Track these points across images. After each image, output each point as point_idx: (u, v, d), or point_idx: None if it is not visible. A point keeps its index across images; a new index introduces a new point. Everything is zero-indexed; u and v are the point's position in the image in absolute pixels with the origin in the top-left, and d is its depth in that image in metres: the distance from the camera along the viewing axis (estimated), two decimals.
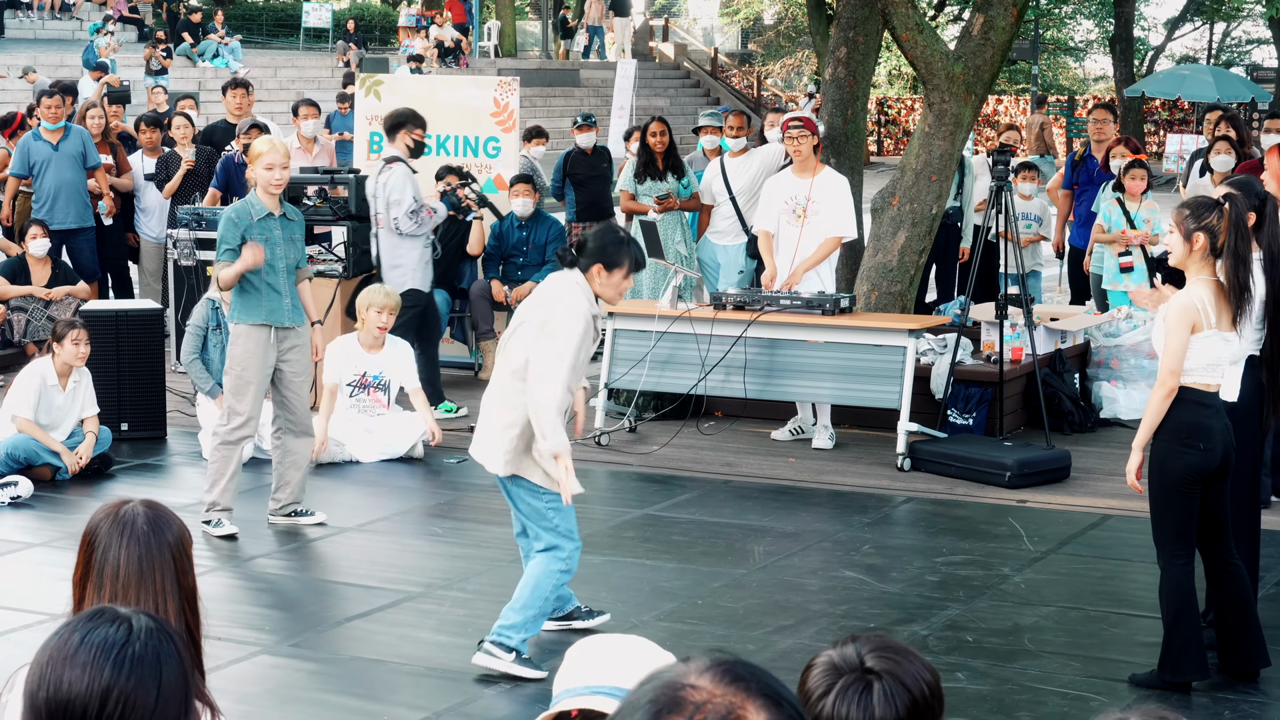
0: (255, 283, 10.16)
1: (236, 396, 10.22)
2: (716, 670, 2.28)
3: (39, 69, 34.54)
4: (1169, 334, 7.55)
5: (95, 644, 2.90)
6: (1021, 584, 9.28)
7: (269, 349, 10.21)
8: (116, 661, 2.88)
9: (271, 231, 10.21)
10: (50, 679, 2.88)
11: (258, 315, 10.18)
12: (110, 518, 3.83)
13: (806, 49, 54.85)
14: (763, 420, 13.18)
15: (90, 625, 2.94)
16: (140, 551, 3.76)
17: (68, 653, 2.90)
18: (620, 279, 7.88)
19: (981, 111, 14.08)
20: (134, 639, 2.92)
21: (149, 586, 3.76)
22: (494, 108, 15.74)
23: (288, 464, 10.48)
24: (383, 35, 49.52)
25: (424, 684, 7.76)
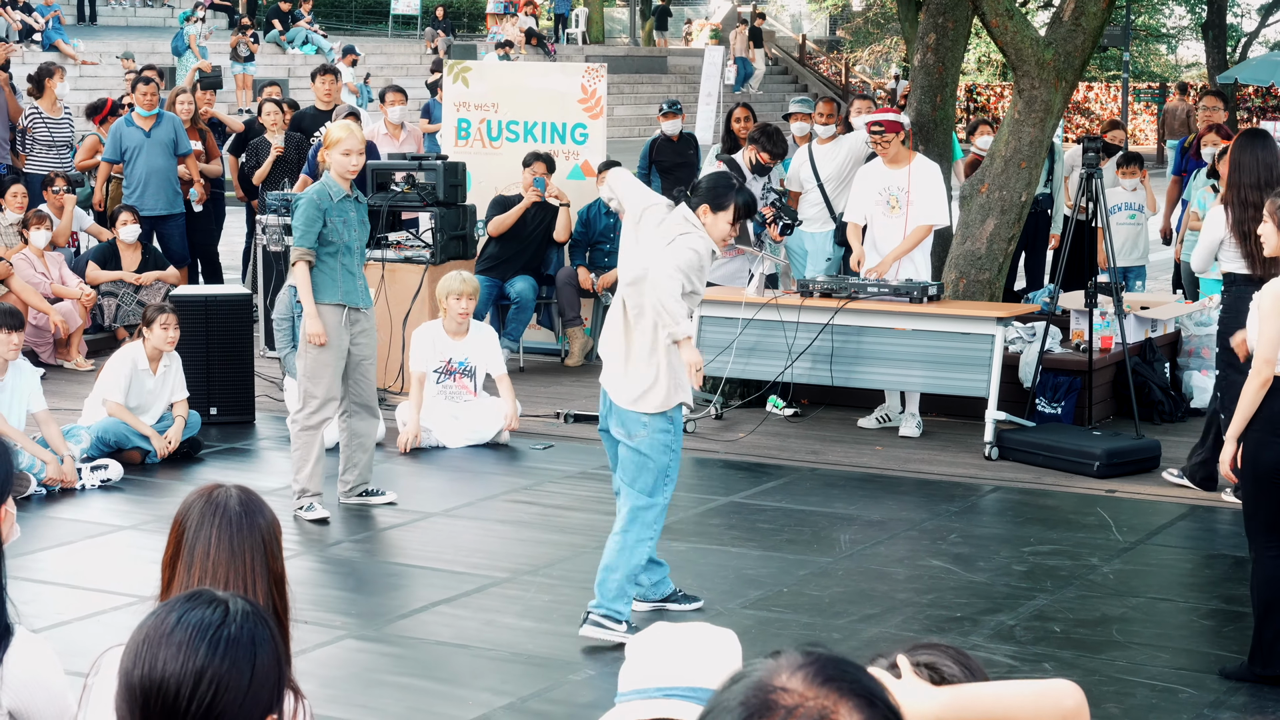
0: (331, 264, 10.21)
1: (313, 379, 10.25)
2: (808, 669, 2.21)
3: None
4: (1264, 322, 7.46)
5: (191, 624, 2.91)
6: (1110, 574, 9.20)
7: (343, 330, 10.26)
8: (212, 643, 2.89)
9: (348, 213, 10.28)
10: (146, 658, 2.89)
11: (334, 295, 10.22)
12: (203, 500, 3.85)
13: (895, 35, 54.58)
14: (849, 408, 13.13)
15: (188, 606, 2.96)
16: (231, 534, 3.78)
17: (164, 632, 2.91)
18: (725, 221, 8.13)
19: (1071, 98, 13.95)
20: (230, 621, 2.93)
21: (238, 569, 3.78)
22: (581, 94, 15.74)
23: (354, 445, 10.53)
24: (470, 22, 49.64)
25: (509, 669, 7.77)
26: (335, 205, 10.20)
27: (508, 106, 15.85)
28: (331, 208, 10.18)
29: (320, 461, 10.29)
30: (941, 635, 8.08)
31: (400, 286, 13.72)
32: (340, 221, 10.20)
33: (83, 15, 39.61)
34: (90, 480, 10.97)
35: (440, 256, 13.83)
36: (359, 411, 10.50)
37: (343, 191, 10.26)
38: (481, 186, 15.14)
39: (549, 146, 15.49)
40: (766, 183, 13.37)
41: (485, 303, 14.30)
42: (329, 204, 10.18)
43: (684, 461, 11.62)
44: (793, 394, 13.17)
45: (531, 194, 14.53)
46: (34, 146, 16.78)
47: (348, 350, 10.34)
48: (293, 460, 10.36)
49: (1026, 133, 13.30)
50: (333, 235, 10.19)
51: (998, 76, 54.79)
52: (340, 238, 10.21)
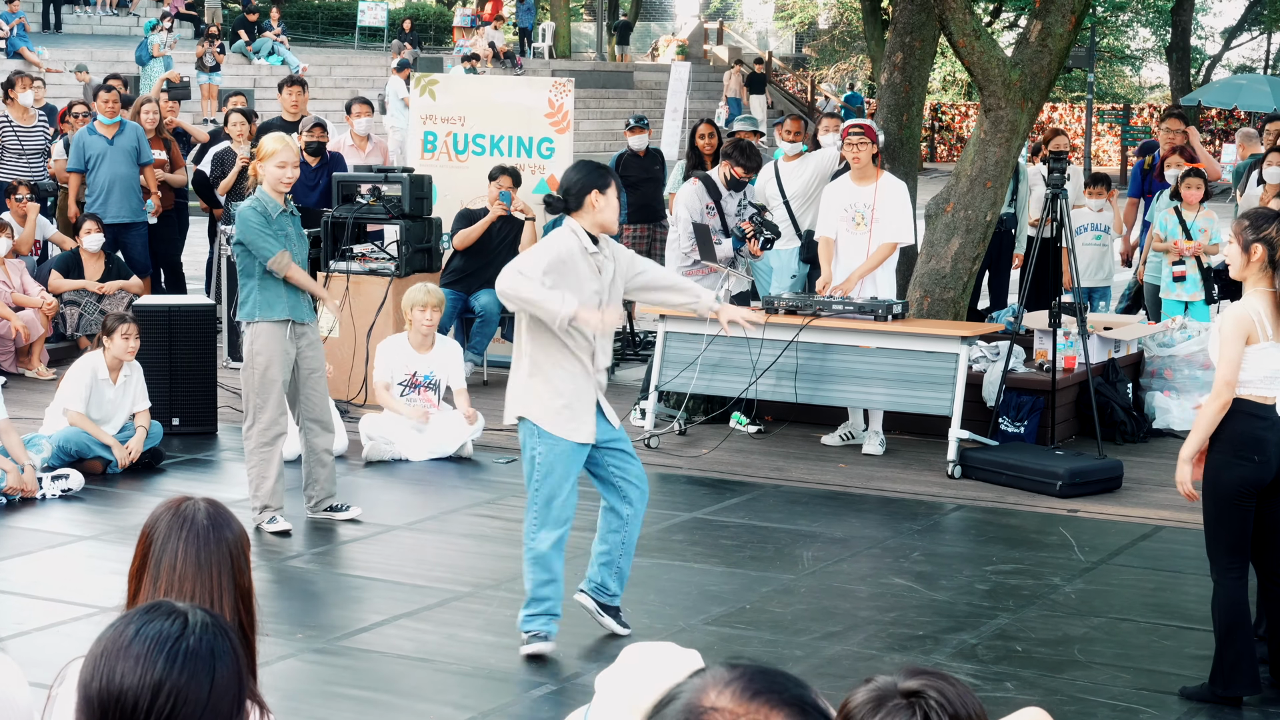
0: (276, 279, 10.15)
1: (262, 394, 10.18)
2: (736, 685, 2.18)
3: (94, 64, 34.70)
4: (1224, 344, 7.49)
5: (150, 637, 2.89)
6: (1072, 594, 9.22)
7: (289, 345, 10.22)
8: (170, 655, 2.87)
9: (286, 228, 10.22)
10: (103, 670, 2.87)
11: (281, 311, 10.16)
12: (171, 512, 3.83)
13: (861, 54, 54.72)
14: (813, 425, 13.14)
15: (146, 618, 2.94)
16: (199, 547, 3.76)
17: (122, 644, 2.89)
18: (612, 200, 8.10)
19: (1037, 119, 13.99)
20: (189, 633, 2.91)
21: (205, 582, 3.75)
22: (548, 108, 15.73)
23: (313, 461, 10.49)
24: (438, 35, 49.61)
25: (470, 684, 7.75)
26: (274, 220, 10.14)
27: (474, 120, 15.84)
28: (271, 222, 10.13)
29: (280, 478, 10.24)
30: (904, 654, 8.09)
31: (365, 299, 13.70)
32: (281, 236, 10.14)
33: (48, 23, 39.49)
34: (51, 490, 10.91)
35: (405, 269, 13.81)
36: (312, 427, 10.44)
37: (279, 206, 10.19)
38: (447, 200, 15.12)
39: (515, 160, 15.48)
40: (743, 198, 13.38)
41: (450, 316, 14.28)
42: (269, 217, 10.12)
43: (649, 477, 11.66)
44: (756, 410, 13.18)
45: (497, 208, 14.52)
46: (4, 154, 16.71)
47: (295, 364, 10.29)
48: (250, 478, 10.29)
49: (992, 152, 13.35)
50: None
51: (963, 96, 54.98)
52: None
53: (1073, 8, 13.32)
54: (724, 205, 13.31)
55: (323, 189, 15.09)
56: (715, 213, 13.29)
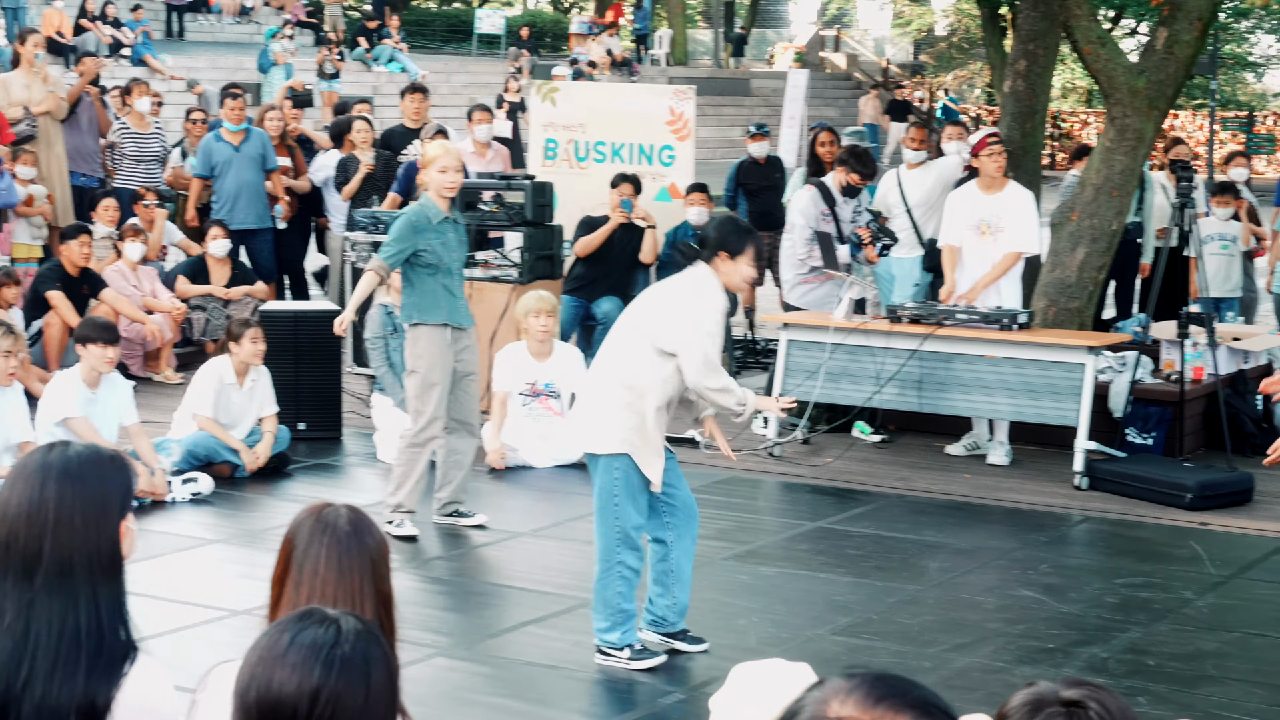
0: (432, 285, 10.23)
1: (422, 398, 10.28)
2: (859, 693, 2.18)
3: (216, 71, 35.09)
4: None
5: (305, 644, 2.91)
6: (1204, 608, 9.11)
7: (449, 349, 10.29)
8: (327, 662, 2.88)
9: (446, 235, 10.29)
10: (260, 678, 2.89)
11: (439, 315, 10.25)
12: (313, 518, 3.84)
13: (979, 61, 54.40)
14: (937, 434, 13.06)
15: (300, 625, 2.95)
16: (340, 553, 3.77)
17: (278, 652, 2.91)
18: (746, 265, 7.94)
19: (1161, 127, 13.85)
20: (343, 640, 2.93)
21: (346, 588, 3.77)
22: (669, 116, 15.73)
23: (451, 463, 10.55)
24: (554, 42, 49.78)
25: (599, 691, 7.75)
26: (434, 227, 10.22)
27: (595, 127, 15.87)
28: (429, 230, 10.20)
29: (421, 480, 10.32)
30: (1034, 667, 8.02)
31: (487, 306, 13.73)
32: (439, 243, 10.22)
33: (171, 31, 39.93)
34: (180, 493, 11.03)
35: (527, 276, 13.84)
36: (458, 429, 10.52)
37: (441, 213, 10.27)
38: (569, 207, 15.14)
39: (636, 168, 15.49)
40: (857, 205, 13.33)
41: (571, 323, 14.32)
42: (426, 226, 10.19)
43: (771, 486, 11.67)
44: (880, 420, 13.11)
45: (618, 215, 14.53)
46: (122, 161, 16.93)
47: (453, 368, 10.37)
48: (393, 475, 10.39)
49: (1118, 161, 13.22)
50: (431, 257, 10.20)
51: (1082, 103, 54.55)
52: (439, 259, 10.22)
53: (1199, 14, 13.17)
54: (839, 212, 13.27)
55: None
56: (830, 219, 13.25)
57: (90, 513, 3.73)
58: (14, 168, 15.45)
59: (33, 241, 15.76)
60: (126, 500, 3.81)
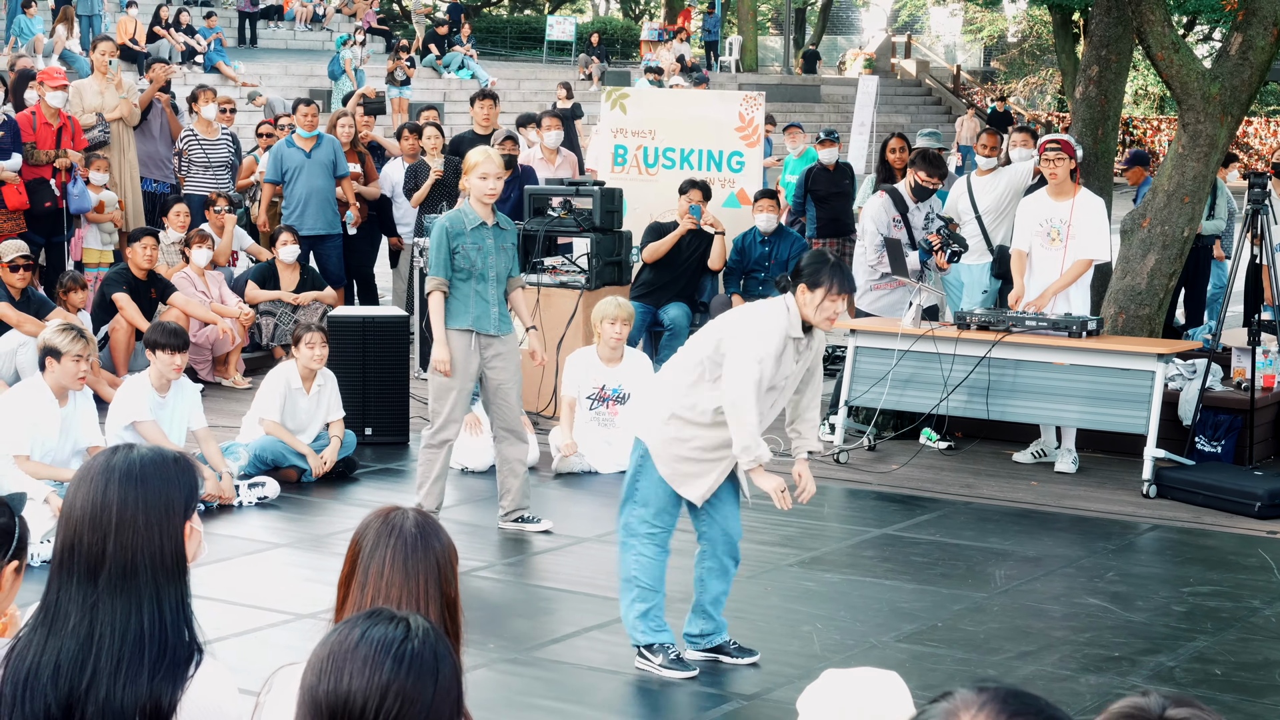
0: (463, 289, 10.26)
1: (439, 400, 10.34)
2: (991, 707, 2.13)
3: (288, 78, 35.32)
4: None
5: (375, 640, 2.94)
6: (1272, 617, 9.03)
7: (471, 354, 10.30)
8: (396, 658, 2.91)
9: (484, 240, 10.28)
10: (331, 674, 2.91)
11: (464, 321, 10.27)
12: (380, 521, 3.87)
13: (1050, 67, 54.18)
14: (1004, 442, 13.01)
15: (370, 623, 2.98)
16: (405, 555, 3.79)
17: (348, 648, 2.93)
18: (821, 298, 7.85)
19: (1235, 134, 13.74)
20: (412, 637, 2.96)
21: (412, 590, 3.79)
22: (739, 122, 15.74)
23: (505, 471, 10.58)
24: (624, 49, 49.84)
25: (660, 697, 7.75)
26: (469, 233, 10.22)
27: (664, 133, 15.88)
28: (463, 235, 10.21)
29: (441, 479, 10.40)
30: (1100, 675, 7.97)
31: (555, 311, 13.78)
32: (474, 248, 10.22)
33: (243, 38, 40.19)
34: (248, 497, 11.09)
35: (595, 282, 13.87)
36: (506, 437, 10.55)
37: (478, 219, 10.27)
38: (637, 213, 15.17)
39: (705, 174, 15.50)
40: (930, 211, 13.29)
41: (639, 329, 14.33)
42: (460, 230, 10.21)
43: (836, 492, 11.64)
44: (947, 427, 13.07)
45: (687, 221, 14.54)
46: (190, 168, 17.05)
47: (480, 375, 10.39)
48: (418, 477, 10.49)
49: (1190, 167, 13.13)
50: (463, 262, 10.22)
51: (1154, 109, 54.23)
52: (472, 264, 10.23)
53: (1275, 19, 13.06)
54: (911, 218, 13.24)
55: (514, 201, 15.20)
56: (902, 225, 13.22)
57: (153, 514, 3.75)
58: (88, 173, 15.59)
59: (103, 247, 15.90)
60: (191, 502, 3.84)
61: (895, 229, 13.19)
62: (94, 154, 15.88)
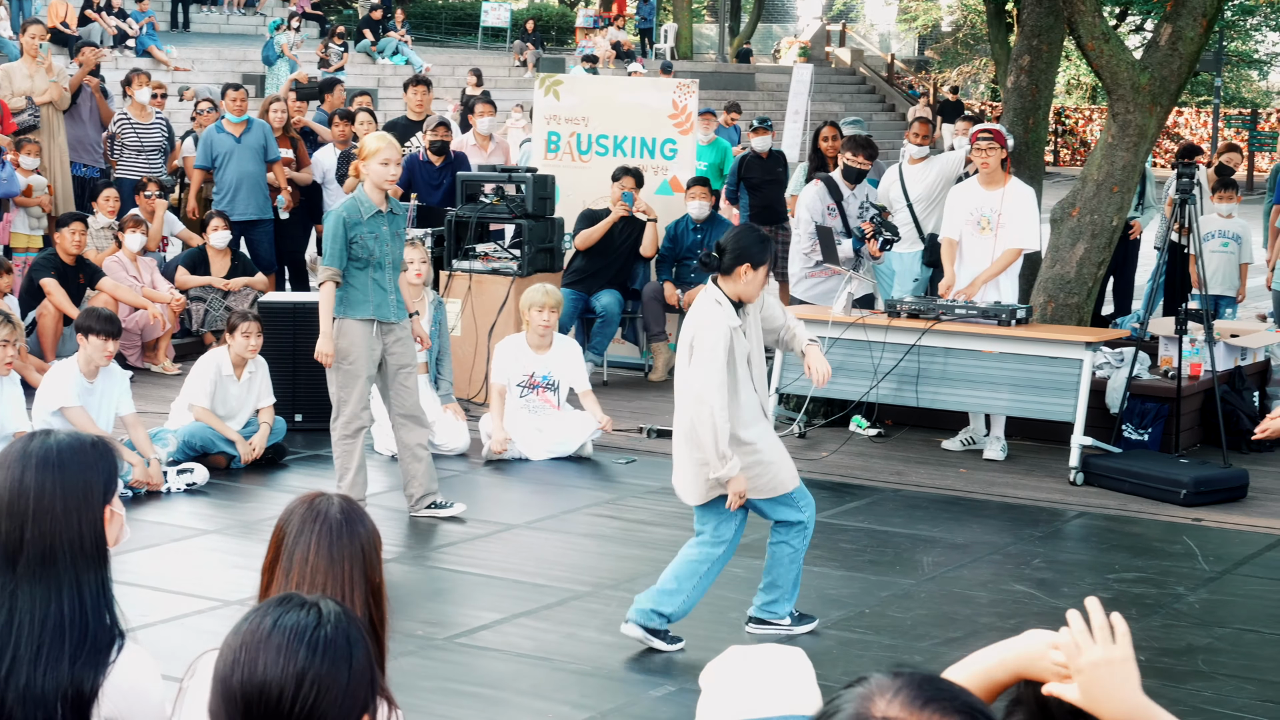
0: (361, 279, 10.21)
1: (344, 390, 10.29)
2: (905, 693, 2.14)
3: (221, 63, 35.08)
4: None
5: (288, 627, 2.92)
6: (1196, 604, 9.12)
7: (373, 342, 10.27)
8: (310, 644, 2.90)
9: (380, 228, 10.23)
10: (244, 663, 2.90)
11: (365, 310, 10.22)
12: (305, 507, 3.86)
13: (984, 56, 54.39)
14: (934, 429, 13.07)
15: (281, 610, 2.97)
16: (331, 541, 3.78)
17: (261, 637, 2.92)
18: (763, 275, 8.08)
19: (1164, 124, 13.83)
20: (325, 622, 2.95)
21: (337, 576, 3.78)
22: (672, 109, 15.74)
23: (407, 457, 10.53)
24: (560, 36, 49.75)
25: (590, 683, 7.76)
26: (365, 221, 10.18)
27: (598, 120, 15.87)
28: (361, 224, 10.17)
29: (361, 470, 10.36)
30: None
31: (486, 298, 13.77)
32: (371, 237, 10.17)
33: (176, 22, 39.91)
34: (176, 483, 11.04)
35: (527, 269, 13.86)
36: (404, 423, 10.50)
37: (374, 206, 10.21)
38: (570, 200, 15.16)
39: (638, 161, 15.50)
40: (865, 200, 13.33)
41: (571, 316, 14.33)
42: (357, 220, 10.16)
43: None
44: (877, 414, 13.12)
45: (619, 208, 14.55)
46: (123, 152, 16.94)
47: (382, 361, 10.36)
48: (336, 470, 10.43)
49: (1120, 157, 13.21)
50: (361, 251, 10.16)
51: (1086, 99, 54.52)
52: (369, 253, 10.18)
53: (1204, 11, 13.16)
54: (845, 206, 13.27)
55: (446, 188, 15.18)
56: (837, 214, 13.25)
57: (71, 500, 3.74)
58: (17, 157, 15.47)
59: (31, 232, 15.78)
60: (110, 486, 3.82)
61: (830, 217, 13.22)
62: (23, 138, 15.76)
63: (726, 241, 8.15)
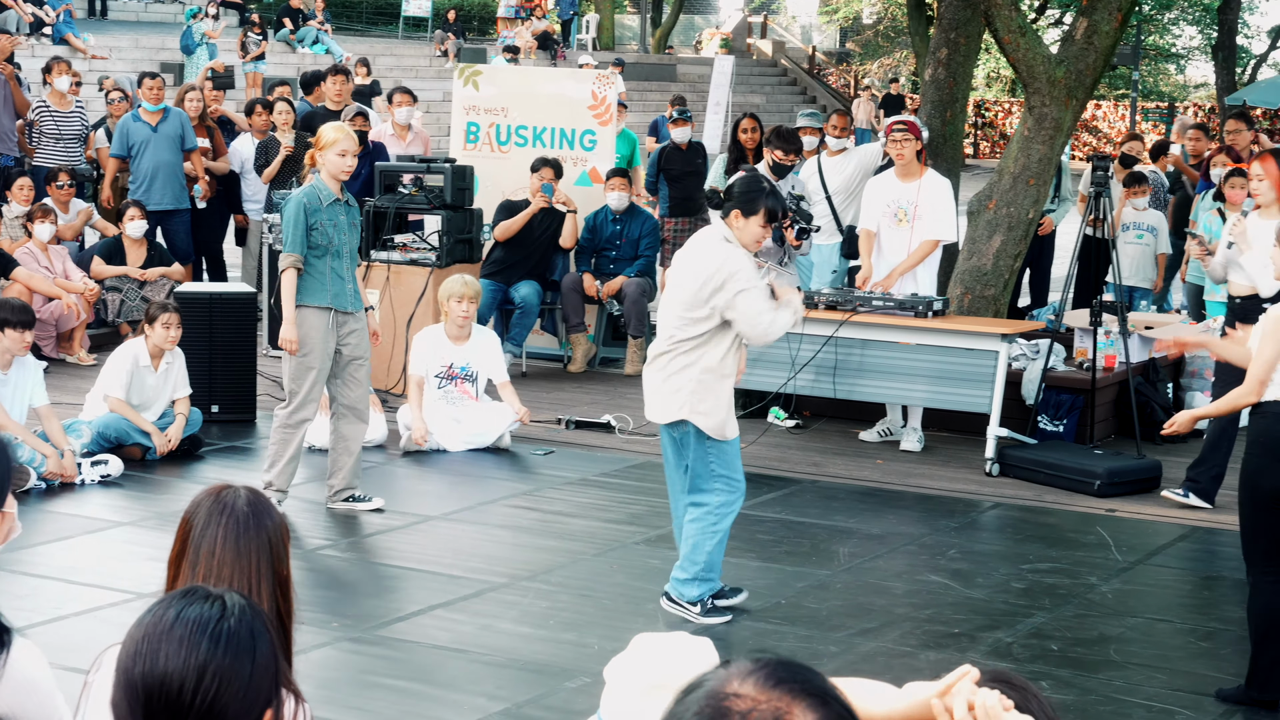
0: (319, 267, 10.19)
1: (297, 380, 10.24)
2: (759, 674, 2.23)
3: (139, 50, 34.85)
4: (1264, 343, 7.46)
5: (191, 620, 2.91)
6: (1109, 594, 9.19)
7: (330, 333, 10.24)
8: (213, 637, 2.89)
9: (338, 217, 10.22)
10: (146, 655, 2.88)
11: (322, 298, 10.20)
12: (211, 499, 3.84)
13: (904, 49, 54.60)
14: (851, 421, 13.12)
15: (185, 602, 2.95)
16: (238, 534, 3.77)
17: (164, 628, 2.90)
18: (757, 226, 8.33)
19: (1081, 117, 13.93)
20: (228, 615, 2.93)
21: (243, 569, 3.77)
22: (591, 100, 15.73)
23: (340, 449, 10.49)
24: (481, 26, 49.65)
25: (505, 675, 7.76)
26: (325, 209, 10.16)
27: (517, 111, 15.85)
28: (320, 211, 10.15)
29: (294, 461, 10.31)
30: (940, 651, 8.07)
31: (405, 289, 13.73)
32: (330, 225, 10.16)
33: (94, 10, 39.64)
34: (90, 475, 10.96)
35: (446, 260, 13.83)
36: (346, 414, 10.46)
37: (332, 195, 10.20)
38: (489, 190, 15.14)
39: (558, 152, 15.49)
40: (790, 191, 13.34)
41: (489, 307, 14.30)
42: (317, 207, 10.14)
43: None
44: (795, 405, 13.16)
45: (539, 199, 14.53)
46: (42, 140, 16.80)
47: (336, 351, 10.32)
48: (267, 454, 10.38)
49: (1036, 150, 13.29)
50: (320, 239, 10.14)
51: (1006, 93, 54.82)
52: (328, 241, 10.16)
53: (1119, 5, 13.25)
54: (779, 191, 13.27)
55: (364, 178, 15.13)
56: None
57: None
58: None
59: None
60: (3, 484, 3.78)
61: None
62: None
63: (732, 182, 8.49)
